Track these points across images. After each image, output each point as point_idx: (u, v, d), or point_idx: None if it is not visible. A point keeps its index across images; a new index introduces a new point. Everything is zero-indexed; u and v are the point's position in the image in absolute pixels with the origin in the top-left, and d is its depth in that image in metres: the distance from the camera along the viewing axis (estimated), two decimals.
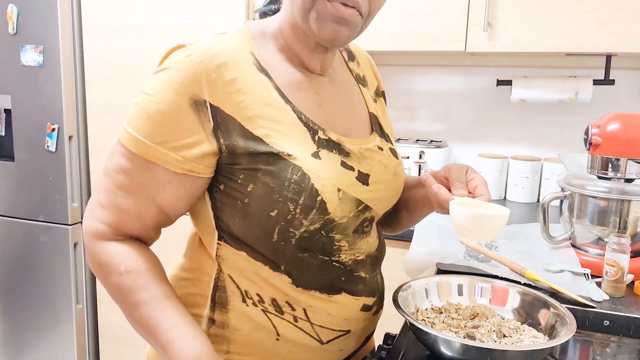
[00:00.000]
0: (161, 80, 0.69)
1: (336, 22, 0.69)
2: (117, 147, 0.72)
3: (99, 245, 0.72)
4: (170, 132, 0.68)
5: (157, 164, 0.69)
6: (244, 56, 0.71)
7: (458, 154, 2.11)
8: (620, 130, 1.09)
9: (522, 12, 1.63)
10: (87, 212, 0.74)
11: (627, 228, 1.10)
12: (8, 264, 2.17)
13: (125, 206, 0.71)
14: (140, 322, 0.71)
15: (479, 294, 0.89)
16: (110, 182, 0.72)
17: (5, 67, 2.02)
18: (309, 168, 0.70)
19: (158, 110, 0.68)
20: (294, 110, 0.73)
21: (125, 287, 0.71)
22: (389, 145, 0.85)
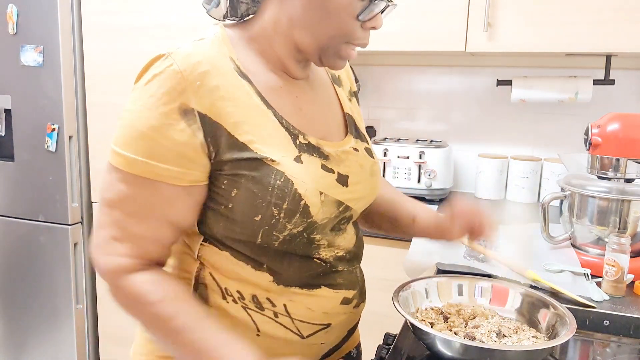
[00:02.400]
0: (147, 94, 0.68)
1: (344, 62, 0.77)
2: (113, 174, 0.69)
3: (125, 280, 0.70)
4: (167, 146, 0.67)
5: (161, 181, 0.68)
6: (223, 62, 0.71)
7: (458, 154, 2.10)
8: (620, 130, 1.09)
9: (522, 12, 1.63)
10: (101, 250, 0.71)
11: (627, 228, 1.10)
12: (8, 264, 2.17)
13: (142, 233, 0.69)
14: (185, 348, 0.68)
15: (479, 294, 0.89)
16: (118, 213, 0.69)
17: (5, 67, 2.02)
18: (291, 173, 0.70)
19: (149, 125, 0.67)
20: (275, 116, 0.73)
21: (160, 317, 0.68)
22: (364, 145, 0.86)
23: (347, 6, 0.70)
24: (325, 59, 0.75)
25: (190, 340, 0.67)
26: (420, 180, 1.84)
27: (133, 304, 0.70)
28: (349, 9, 0.70)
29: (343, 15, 0.70)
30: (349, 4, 0.70)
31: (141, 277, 0.70)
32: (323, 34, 0.72)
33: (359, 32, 0.73)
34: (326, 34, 0.72)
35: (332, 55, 0.75)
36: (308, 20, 0.72)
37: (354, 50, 0.75)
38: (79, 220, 2.08)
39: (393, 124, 2.16)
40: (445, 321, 0.81)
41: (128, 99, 0.70)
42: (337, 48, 0.74)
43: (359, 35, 0.73)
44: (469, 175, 2.10)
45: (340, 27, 0.71)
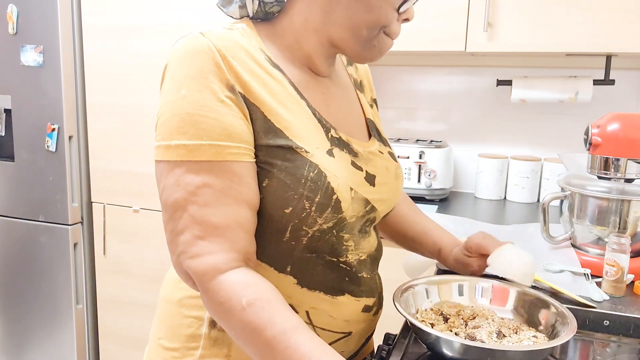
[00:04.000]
0: (189, 75, 0.65)
1: (383, 53, 0.76)
2: (175, 171, 0.64)
3: (216, 282, 0.64)
4: (225, 123, 0.64)
5: (230, 160, 0.65)
6: (255, 52, 0.71)
7: (458, 154, 2.11)
8: (620, 130, 1.09)
9: (522, 12, 1.63)
10: (187, 255, 0.65)
11: (627, 228, 1.10)
12: (8, 264, 2.17)
13: (224, 221, 0.64)
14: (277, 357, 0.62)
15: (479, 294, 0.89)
16: (193, 208, 0.64)
17: (5, 67, 2.02)
18: (325, 166, 0.69)
19: (202, 105, 0.64)
20: (308, 107, 0.72)
21: (251, 324, 0.62)
22: (387, 149, 0.86)
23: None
24: (366, 52, 0.75)
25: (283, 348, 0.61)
26: (420, 180, 1.84)
27: (221, 310, 0.64)
28: (391, 0, 0.71)
29: (384, 7, 0.71)
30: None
31: (231, 277, 0.64)
32: (363, 26, 0.72)
33: (394, 24, 0.74)
34: (366, 26, 0.72)
35: (370, 46, 0.74)
36: (347, 14, 0.71)
37: (390, 40, 0.75)
38: (79, 220, 2.08)
39: (393, 124, 2.16)
40: (446, 322, 0.81)
41: (165, 88, 0.67)
42: (377, 39, 0.74)
43: (395, 27, 0.74)
44: (469, 175, 2.10)
45: (381, 18, 0.71)
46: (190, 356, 0.76)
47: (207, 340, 0.75)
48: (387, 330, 0.91)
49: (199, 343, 0.76)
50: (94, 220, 2.09)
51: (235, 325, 0.63)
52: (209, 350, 0.75)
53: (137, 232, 2.02)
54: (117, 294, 2.10)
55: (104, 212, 2.06)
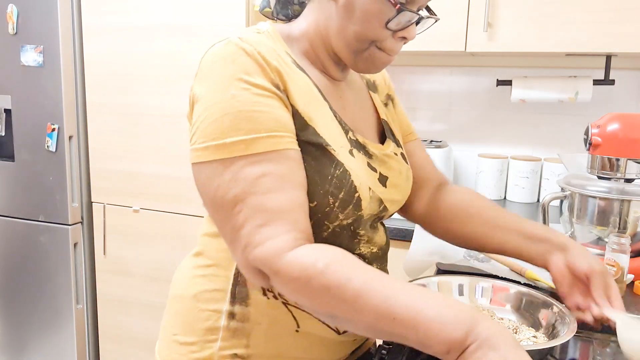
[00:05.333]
0: (234, 77, 0.66)
1: (379, 66, 0.76)
2: (231, 169, 0.65)
3: (286, 260, 0.62)
4: (276, 114, 0.67)
5: (285, 149, 0.66)
6: (283, 54, 0.73)
7: (458, 154, 2.11)
8: (620, 130, 1.09)
9: (522, 12, 1.63)
10: (252, 247, 0.64)
11: (627, 228, 1.10)
12: (8, 264, 2.17)
13: (284, 204, 0.65)
14: (377, 313, 0.59)
15: (479, 294, 0.89)
16: (252, 199, 0.64)
17: (5, 67, 2.02)
18: (349, 165, 0.72)
19: (251, 101, 0.66)
20: (330, 109, 0.75)
21: (335, 282, 0.60)
22: (400, 151, 0.88)
23: (377, 13, 0.70)
24: (359, 63, 0.76)
25: (383, 300, 0.58)
26: None
27: (298, 283, 0.62)
28: (378, 16, 0.70)
29: (372, 21, 0.71)
30: (379, 11, 0.70)
31: (299, 252, 0.63)
32: (352, 38, 0.73)
33: (389, 40, 0.73)
34: (354, 38, 0.73)
35: (365, 59, 0.75)
36: (339, 24, 0.73)
37: (387, 55, 0.75)
38: (79, 220, 2.08)
39: None
40: None
41: (206, 91, 0.67)
42: (368, 52, 0.74)
43: (389, 43, 0.74)
44: (469, 175, 2.10)
45: (368, 32, 0.72)
46: (208, 349, 0.78)
47: (227, 332, 0.77)
48: None
49: (218, 335, 0.77)
50: (94, 220, 2.09)
51: (319, 292, 0.61)
52: (228, 341, 0.77)
53: (137, 232, 2.02)
54: (117, 294, 2.10)
55: (104, 212, 2.06)
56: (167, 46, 1.86)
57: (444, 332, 0.56)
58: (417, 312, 0.57)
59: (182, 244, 1.96)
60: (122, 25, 1.91)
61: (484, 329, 0.55)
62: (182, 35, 1.83)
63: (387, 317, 0.58)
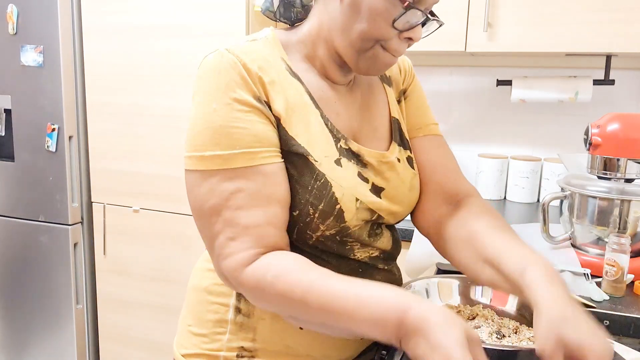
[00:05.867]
0: (217, 89, 0.68)
1: (381, 68, 0.76)
2: (210, 180, 0.68)
3: (244, 273, 0.67)
4: (255, 130, 0.68)
5: (262, 164, 0.68)
6: (276, 61, 0.74)
7: (458, 154, 2.11)
8: (620, 130, 1.09)
9: (522, 12, 1.63)
10: (221, 258, 0.68)
11: (627, 228, 1.10)
12: (8, 264, 2.17)
13: (255, 221, 0.68)
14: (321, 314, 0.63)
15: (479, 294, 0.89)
16: (227, 213, 0.68)
17: (5, 67, 2.02)
18: (331, 175, 0.72)
19: (232, 117, 0.68)
20: (322, 117, 0.75)
21: (283, 292, 0.64)
22: (407, 154, 0.85)
23: (384, 11, 0.70)
24: (362, 63, 0.75)
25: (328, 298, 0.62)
26: None
27: (256, 294, 0.67)
28: (385, 15, 0.70)
29: (378, 20, 0.70)
30: (385, 9, 0.69)
31: (257, 264, 0.67)
32: (356, 37, 0.72)
33: (394, 40, 0.72)
34: (359, 36, 0.72)
35: (368, 59, 0.74)
36: (344, 23, 0.73)
37: (391, 56, 0.74)
38: (79, 220, 2.08)
39: None
40: None
41: (196, 102, 0.70)
42: (372, 52, 0.73)
43: (395, 43, 0.73)
44: (469, 175, 2.10)
45: (374, 31, 0.71)
46: (218, 341, 0.80)
47: (234, 325, 0.79)
48: None
49: (226, 328, 0.79)
50: (94, 220, 2.09)
51: (273, 300, 0.66)
52: (235, 335, 0.79)
53: (137, 232, 2.02)
54: (117, 294, 2.10)
55: (104, 212, 2.06)
56: (167, 46, 1.86)
57: (380, 327, 0.60)
58: (353, 313, 0.61)
59: (182, 244, 1.96)
60: (122, 25, 1.91)
61: (414, 318, 0.58)
62: (182, 35, 1.84)
63: (331, 318, 0.62)
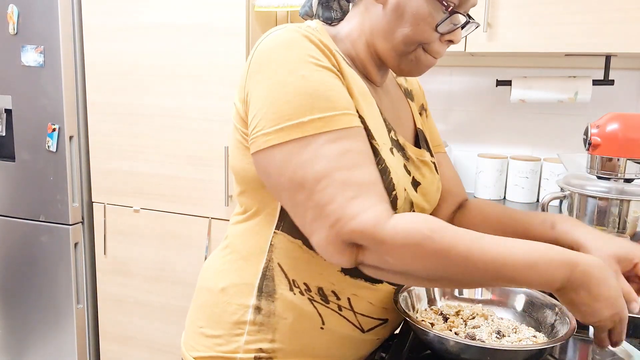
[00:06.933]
0: (301, 59, 0.67)
1: (423, 69, 0.77)
2: (313, 144, 0.64)
3: (390, 226, 0.62)
4: (344, 95, 0.68)
5: (359, 126, 0.68)
6: (334, 49, 0.74)
7: (458, 154, 2.11)
8: (619, 130, 1.10)
9: (522, 13, 1.64)
10: (345, 220, 0.62)
11: (626, 228, 1.11)
12: (8, 264, 2.18)
13: (371, 177, 0.65)
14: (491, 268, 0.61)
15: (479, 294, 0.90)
16: (339, 174, 0.63)
17: (5, 67, 2.03)
18: (389, 162, 0.73)
19: (328, 82, 0.67)
20: (377, 106, 0.77)
21: (443, 246, 0.61)
22: (433, 160, 0.89)
23: (427, 16, 0.71)
24: (404, 65, 0.77)
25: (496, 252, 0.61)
26: None
27: (407, 249, 0.61)
28: (428, 19, 0.71)
29: (422, 25, 0.72)
30: (429, 14, 0.71)
31: (400, 219, 0.63)
32: (400, 40, 0.74)
33: (436, 43, 0.74)
34: (403, 40, 0.74)
35: (410, 62, 0.76)
36: (387, 27, 0.74)
37: (432, 57, 0.76)
38: (80, 220, 2.09)
39: None
40: (445, 321, 0.82)
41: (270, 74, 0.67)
42: (415, 54, 0.75)
43: (437, 46, 0.74)
44: (468, 175, 2.11)
45: (417, 35, 0.73)
46: (235, 342, 0.79)
47: (253, 326, 0.78)
48: None
49: (244, 329, 0.78)
50: (94, 220, 2.09)
51: (429, 256, 0.61)
52: (254, 336, 0.78)
53: (138, 232, 2.02)
54: (118, 294, 2.10)
55: (105, 212, 2.06)
56: (167, 46, 1.87)
57: (547, 282, 0.61)
58: (522, 268, 0.61)
59: (182, 244, 1.96)
60: (122, 25, 1.92)
61: (579, 273, 0.61)
62: (182, 35, 1.84)
63: (496, 274, 0.61)
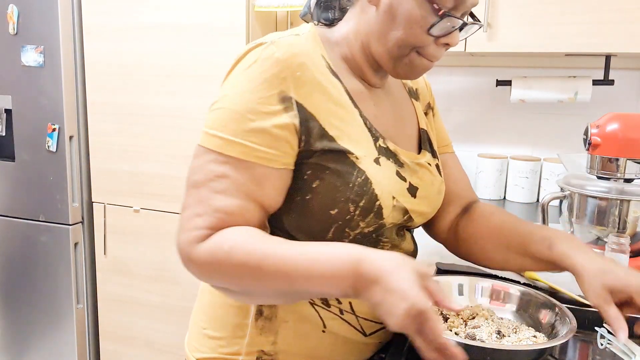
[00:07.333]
0: (247, 78, 0.69)
1: (419, 73, 0.77)
2: (205, 156, 0.69)
3: (197, 248, 0.67)
4: (264, 128, 0.68)
5: (255, 162, 0.68)
6: (317, 58, 0.74)
7: (458, 154, 2.10)
8: (619, 130, 1.09)
9: (522, 12, 1.63)
10: (181, 229, 0.69)
11: (626, 228, 1.10)
12: (8, 264, 2.17)
13: (227, 208, 0.68)
14: (276, 279, 0.64)
15: (479, 294, 0.90)
16: (205, 191, 0.68)
17: (5, 67, 2.02)
18: (371, 173, 0.72)
19: (249, 108, 0.68)
20: (360, 116, 0.75)
21: (238, 261, 0.65)
22: (435, 162, 0.88)
23: (420, 19, 0.70)
24: (399, 69, 0.76)
25: (283, 263, 0.63)
26: None
27: (210, 269, 0.67)
28: (421, 22, 0.71)
29: (415, 28, 0.71)
30: (421, 17, 0.70)
31: (211, 238, 0.67)
32: (393, 44, 0.73)
33: (431, 47, 0.73)
34: (396, 44, 0.73)
35: (405, 65, 0.75)
36: (380, 30, 0.74)
37: (426, 61, 0.75)
38: (80, 220, 2.08)
39: None
40: (445, 321, 0.82)
41: (224, 84, 0.71)
42: (409, 58, 0.74)
43: (432, 50, 0.74)
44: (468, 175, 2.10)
45: (410, 38, 0.72)
46: (236, 345, 0.79)
47: (254, 329, 0.78)
48: None
49: (246, 332, 0.78)
50: (94, 220, 2.09)
51: (228, 273, 0.66)
52: (256, 338, 0.78)
53: (138, 232, 2.02)
54: (118, 294, 2.10)
55: (105, 212, 2.06)
56: (167, 46, 1.86)
57: (336, 282, 0.62)
58: (308, 272, 0.62)
59: None
60: (122, 25, 1.91)
61: (368, 268, 0.60)
62: (182, 35, 1.84)
63: (286, 281, 0.63)
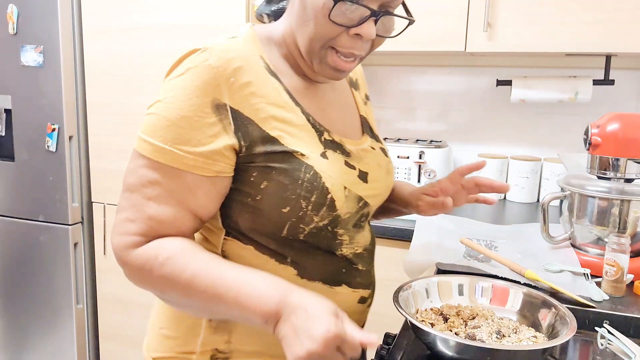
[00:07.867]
0: (180, 86, 0.69)
1: (335, 72, 0.75)
2: (138, 160, 0.70)
3: (132, 254, 0.69)
4: (195, 137, 0.68)
5: (186, 170, 0.69)
6: (255, 60, 0.73)
7: (458, 154, 2.11)
8: (620, 130, 1.09)
9: (522, 12, 1.63)
10: (115, 231, 0.71)
11: (626, 228, 1.10)
12: (8, 264, 2.17)
13: (158, 216, 0.70)
14: (205, 297, 0.66)
15: (479, 294, 0.90)
16: (137, 196, 0.70)
17: (5, 67, 2.02)
18: (320, 167, 0.73)
19: (181, 116, 0.68)
20: (303, 113, 0.76)
21: (170, 274, 0.67)
22: (379, 145, 0.90)
23: (321, 7, 0.70)
24: (319, 68, 0.75)
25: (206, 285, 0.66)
26: (420, 180, 1.84)
27: (141, 275, 0.69)
28: (323, 10, 0.70)
29: (319, 17, 0.70)
30: (323, 4, 0.69)
31: (146, 247, 0.69)
32: (308, 38, 0.73)
33: (343, 38, 0.72)
34: (309, 37, 0.72)
35: (320, 62, 0.74)
36: (298, 23, 0.74)
37: (342, 59, 0.73)
38: (79, 220, 2.08)
39: (393, 124, 2.16)
40: (445, 322, 0.82)
41: (159, 90, 0.72)
42: (322, 54, 0.73)
43: (344, 41, 0.72)
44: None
45: (319, 29, 0.71)
46: (192, 344, 0.80)
47: (208, 328, 0.79)
48: (387, 330, 0.91)
49: (200, 331, 0.79)
50: (94, 220, 2.09)
51: (158, 283, 0.68)
52: (209, 337, 0.79)
53: None
54: (117, 294, 2.10)
55: (104, 212, 2.06)
56: (167, 46, 1.86)
57: (259, 308, 0.64)
58: (237, 293, 0.65)
59: None
60: (122, 25, 1.91)
61: (293, 301, 0.63)
62: (182, 34, 1.84)
63: (214, 299, 0.65)
